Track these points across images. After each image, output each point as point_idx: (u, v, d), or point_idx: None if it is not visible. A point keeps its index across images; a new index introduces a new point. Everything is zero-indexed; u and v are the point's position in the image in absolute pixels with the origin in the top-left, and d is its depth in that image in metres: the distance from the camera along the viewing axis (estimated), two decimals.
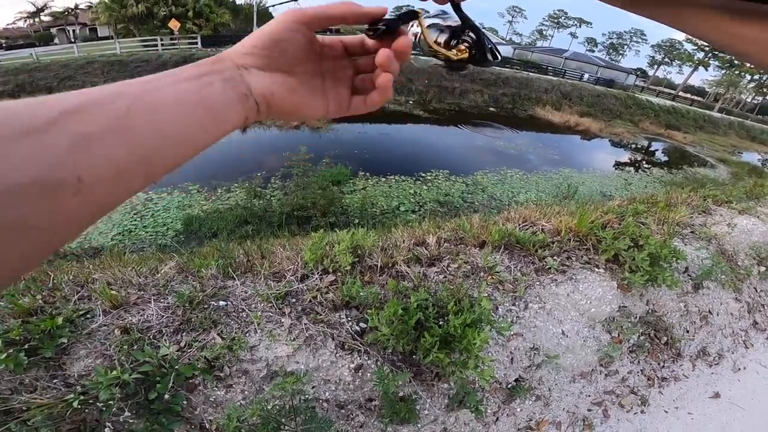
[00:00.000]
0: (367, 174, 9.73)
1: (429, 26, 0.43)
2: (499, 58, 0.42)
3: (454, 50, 0.41)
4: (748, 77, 50.92)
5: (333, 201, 7.64)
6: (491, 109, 22.63)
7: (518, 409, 2.09)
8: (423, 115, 18.54)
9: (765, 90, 57.32)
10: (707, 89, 63.08)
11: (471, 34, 0.41)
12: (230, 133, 0.36)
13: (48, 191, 0.23)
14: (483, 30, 0.41)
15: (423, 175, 10.25)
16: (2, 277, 0.24)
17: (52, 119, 0.24)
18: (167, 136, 0.30)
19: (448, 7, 0.40)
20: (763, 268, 3.46)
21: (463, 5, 0.41)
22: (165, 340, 1.61)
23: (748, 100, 62.50)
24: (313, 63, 0.41)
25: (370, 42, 0.42)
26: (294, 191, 7.93)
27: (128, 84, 0.30)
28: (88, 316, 1.63)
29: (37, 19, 41.04)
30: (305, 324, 1.84)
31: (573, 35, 76.29)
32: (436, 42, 0.41)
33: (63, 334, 1.45)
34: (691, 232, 3.46)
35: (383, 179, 9.63)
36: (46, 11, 40.10)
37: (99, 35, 35.57)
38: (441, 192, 9.49)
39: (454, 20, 0.42)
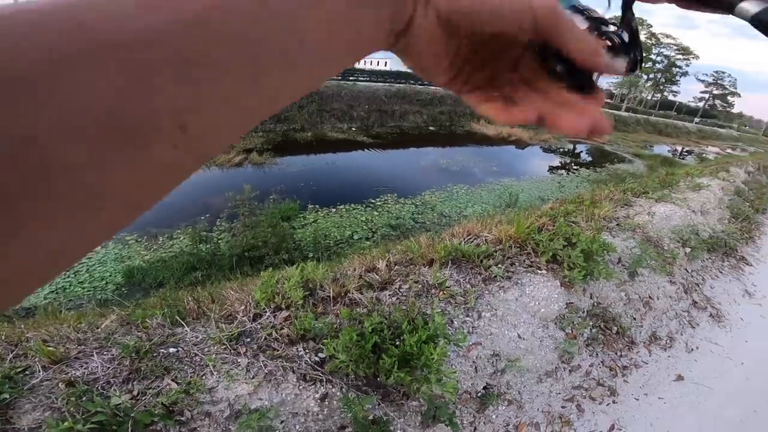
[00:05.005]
0: (317, 206, 9.64)
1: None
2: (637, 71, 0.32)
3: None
4: (645, 77, 57.27)
5: (285, 237, 7.50)
6: (431, 128, 23.60)
7: (494, 416, 2.12)
8: (367, 141, 18.73)
9: (661, 87, 64.99)
10: (614, 91, 69.98)
11: (623, 35, 0.31)
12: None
13: (133, 143, 0.15)
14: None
15: (372, 201, 10.36)
16: (59, 267, 0.16)
17: (154, 33, 0.15)
18: (297, 69, 0.21)
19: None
20: (688, 250, 3.83)
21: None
22: (115, 389, 1.55)
23: (648, 97, 70.22)
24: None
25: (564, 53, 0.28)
26: (242, 232, 7.69)
27: None
28: (27, 372, 1.57)
29: None
30: (263, 361, 1.82)
31: None
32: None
33: (3, 390, 1.41)
34: (617, 224, 3.78)
35: (333, 210, 9.58)
36: None
37: None
38: (392, 216, 9.62)
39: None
